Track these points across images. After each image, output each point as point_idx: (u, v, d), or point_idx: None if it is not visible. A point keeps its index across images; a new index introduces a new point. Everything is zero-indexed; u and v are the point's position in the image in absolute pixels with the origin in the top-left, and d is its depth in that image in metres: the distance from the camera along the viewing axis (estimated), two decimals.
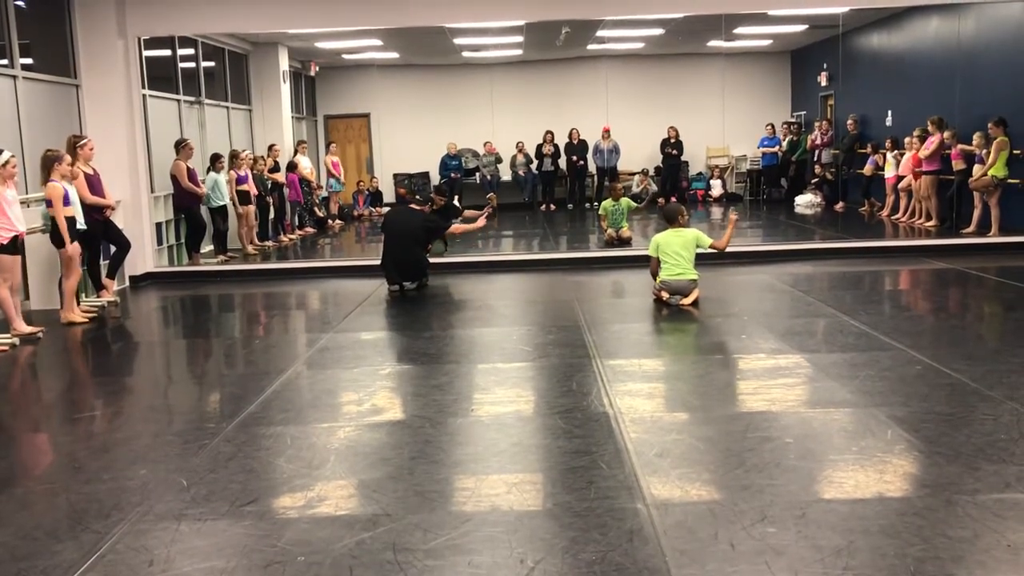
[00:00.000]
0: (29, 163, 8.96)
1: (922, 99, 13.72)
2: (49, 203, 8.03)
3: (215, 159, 12.19)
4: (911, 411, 4.82)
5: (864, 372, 5.60)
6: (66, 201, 8.09)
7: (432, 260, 10.94)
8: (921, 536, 3.33)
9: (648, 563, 3.20)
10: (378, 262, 9.61)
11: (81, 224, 8.48)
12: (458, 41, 15.97)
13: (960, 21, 12.81)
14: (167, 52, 12.85)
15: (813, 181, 16.88)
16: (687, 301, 7.91)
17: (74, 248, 8.17)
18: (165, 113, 12.50)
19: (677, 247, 8.03)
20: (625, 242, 12.06)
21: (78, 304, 8.62)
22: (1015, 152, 11.14)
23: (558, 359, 6.27)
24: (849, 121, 15.91)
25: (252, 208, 12.80)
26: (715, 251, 8.36)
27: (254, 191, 12.83)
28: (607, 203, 12.47)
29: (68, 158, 8.25)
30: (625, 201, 12.55)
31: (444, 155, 18.32)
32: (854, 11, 13.99)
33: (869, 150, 15.06)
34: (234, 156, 12.69)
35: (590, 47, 17.54)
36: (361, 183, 18.65)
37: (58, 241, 8.09)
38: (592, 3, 11.10)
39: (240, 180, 12.55)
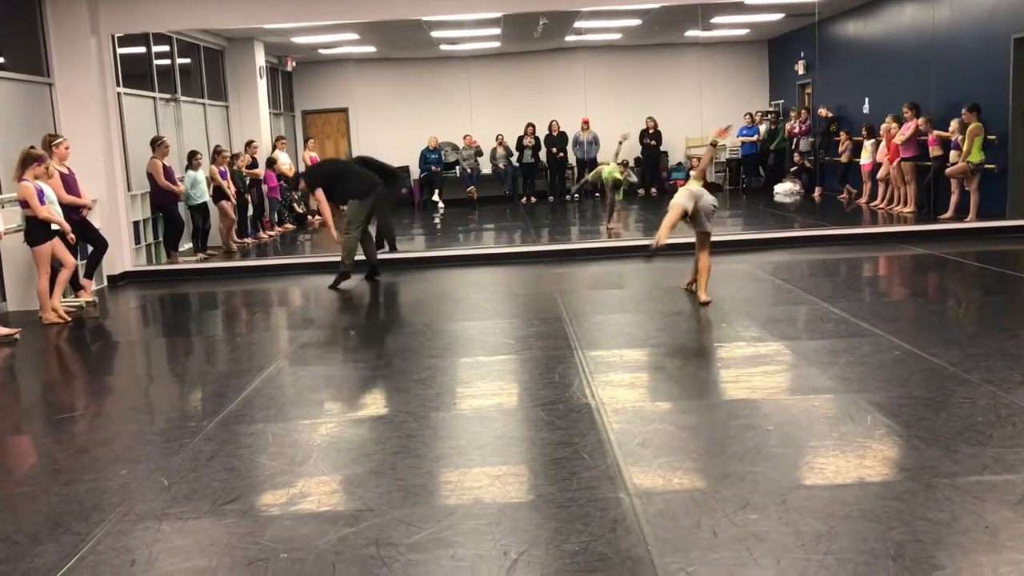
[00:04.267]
0: (2, 164, 8.86)
1: (898, 86, 13.79)
2: (24, 203, 7.94)
3: (191, 156, 12.11)
4: (890, 396, 4.85)
5: (844, 358, 5.64)
6: (41, 200, 8.01)
7: (412, 255, 10.95)
8: (901, 520, 3.36)
9: (631, 552, 3.21)
10: (361, 257, 9.56)
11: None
12: (435, 34, 15.91)
13: (934, 8, 12.89)
14: (142, 49, 12.74)
15: (792, 169, 16.95)
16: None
17: (48, 247, 8.06)
18: (141, 111, 12.39)
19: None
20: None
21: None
22: (990, 137, 11.23)
23: (540, 351, 6.27)
24: (821, 110, 16.00)
25: (230, 204, 12.73)
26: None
27: (232, 188, 12.77)
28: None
29: (49, 160, 8.14)
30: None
31: (424, 148, 18.28)
32: None
33: (843, 138, 15.13)
34: (217, 152, 12.65)
35: (568, 39, 17.51)
36: None
37: (32, 240, 8.00)
38: None
39: (220, 176, 12.49)
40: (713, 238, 8.97)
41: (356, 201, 9.34)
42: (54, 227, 8.24)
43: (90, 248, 9.41)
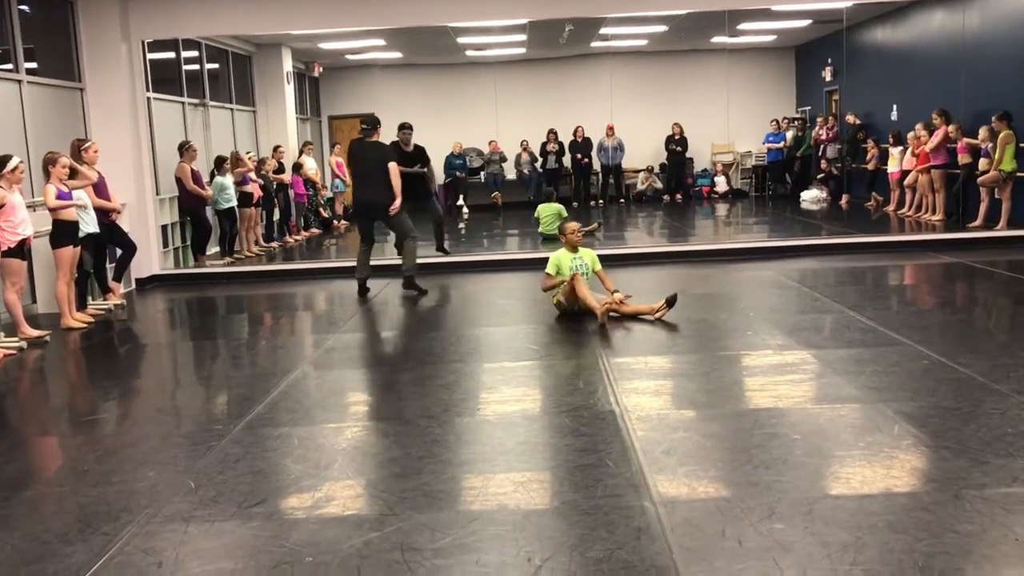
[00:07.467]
0: (34, 167, 8.98)
1: (927, 93, 13.67)
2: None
3: (219, 162, 12.21)
4: (918, 406, 4.81)
5: (871, 367, 5.60)
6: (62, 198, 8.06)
7: (437, 260, 10.96)
8: (929, 531, 3.32)
9: (656, 560, 3.20)
10: (386, 262, 9.58)
11: (94, 227, 8.51)
12: (461, 40, 15.96)
13: (965, 14, 12.77)
14: (171, 54, 12.87)
15: (819, 176, 16.86)
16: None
17: (69, 252, 8.11)
18: (169, 115, 12.51)
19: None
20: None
21: (85, 307, 8.65)
22: (1022, 145, 11.10)
23: (564, 357, 6.27)
24: (849, 116, 15.90)
25: (252, 210, 12.81)
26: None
27: (257, 193, 12.85)
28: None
29: (64, 160, 8.16)
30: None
31: (449, 154, 18.33)
32: (858, 5, 13.96)
33: (871, 145, 15.03)
34: (237, 158, 12.72)
35: (594, 44, 17.52)
36: None
37: (54, 242, 8.06)
38: (595, 1, 11.09)
39: (243, 181, 12.55)
40: (741, 245, 8.94)
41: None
42: (91, 230, 8.35)
43: (119, 251, 9.50)
